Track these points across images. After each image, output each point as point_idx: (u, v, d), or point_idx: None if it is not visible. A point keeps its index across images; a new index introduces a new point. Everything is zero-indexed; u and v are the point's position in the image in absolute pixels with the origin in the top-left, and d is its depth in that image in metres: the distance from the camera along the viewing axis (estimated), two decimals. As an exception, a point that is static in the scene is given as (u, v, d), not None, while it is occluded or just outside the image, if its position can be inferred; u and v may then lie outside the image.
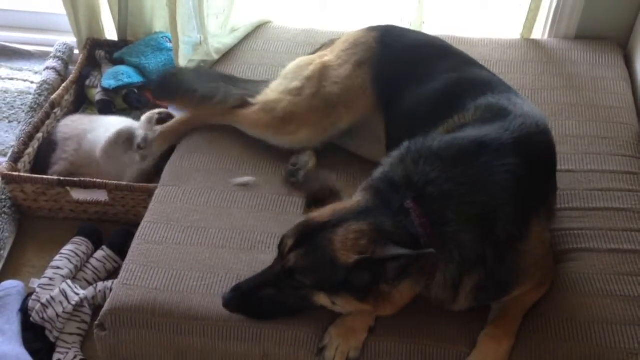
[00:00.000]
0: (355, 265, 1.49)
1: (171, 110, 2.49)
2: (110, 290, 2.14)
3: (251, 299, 1.66)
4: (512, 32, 2.79)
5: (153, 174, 2.44)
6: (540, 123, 1.81)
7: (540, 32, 2.80)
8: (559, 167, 1.95)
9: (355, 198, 1.65)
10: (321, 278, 1.56)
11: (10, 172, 2.41)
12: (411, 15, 2.74)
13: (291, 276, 1.58)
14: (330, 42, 2.34)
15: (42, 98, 2.83)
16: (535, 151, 1.75)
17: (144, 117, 2.46)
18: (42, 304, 2.13)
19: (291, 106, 2.15)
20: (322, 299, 1.60)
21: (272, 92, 2.23)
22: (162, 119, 2.44)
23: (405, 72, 2.08)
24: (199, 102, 2.29)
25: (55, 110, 2.68)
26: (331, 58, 2.20)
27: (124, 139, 2.46)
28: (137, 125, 2.54)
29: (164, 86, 2.41)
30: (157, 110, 2.47)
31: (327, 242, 1.53)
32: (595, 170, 2.13)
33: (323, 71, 2.16)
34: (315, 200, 1.67)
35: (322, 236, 1.54)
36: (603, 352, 1.68)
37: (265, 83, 2.33)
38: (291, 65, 2.29)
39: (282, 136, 2.18)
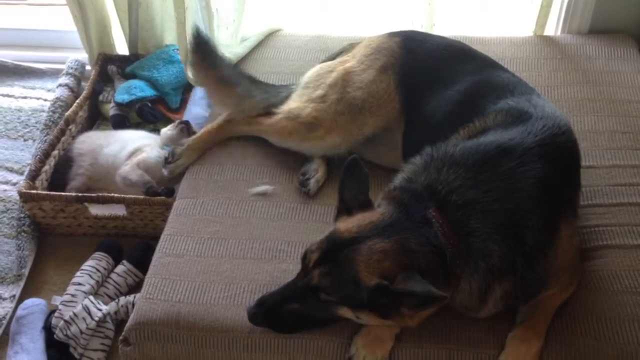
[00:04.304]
0: (375, 289, 1.48)
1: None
2: (132, 304, 2.14)
3: (276, 313, 1.64)
4: (525, 29, 2.77)
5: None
6: (562, 124, 1.78)
7: (552, 28, 2.78)
8: (580, 164, 1.93)
9: (379, 209, 1.62)
10: (345, 295, 1.54)
11: (28, 191, 2.41)
12: (422, 17, 2.73)
13: (315, 293, 1.57)
14: (350, 47, 2.31)
15: (57, 115, 2.84)
16: (559, 153, 1.72)
17: (164, 134, 2.52)
18: (65, 321, 2.13)
19: (316, 112, 2.12)
20: (347, 313, 1.59)
21: (294, 101, 2.20)
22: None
23: (427, 76, 2.06)
24: (219, 82, 2.27)
25: (70, 127, 2.69)
26: (353, 64, 2.17)
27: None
28: (153, 140, 2.56)
29: (201, 43, 2.28)
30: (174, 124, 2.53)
31: (350, 261, 1.51)
32: (617, 165, 2.11)
33: (346, 77, 2.14)
34: (347, 207, 1.64)
35: (346, 254, 1.52)
36: (634, 350, 1.65)
37: (285, 88, 2.31)
38: (311, 73, 2.26)
39: (308, 142, 2.15)
